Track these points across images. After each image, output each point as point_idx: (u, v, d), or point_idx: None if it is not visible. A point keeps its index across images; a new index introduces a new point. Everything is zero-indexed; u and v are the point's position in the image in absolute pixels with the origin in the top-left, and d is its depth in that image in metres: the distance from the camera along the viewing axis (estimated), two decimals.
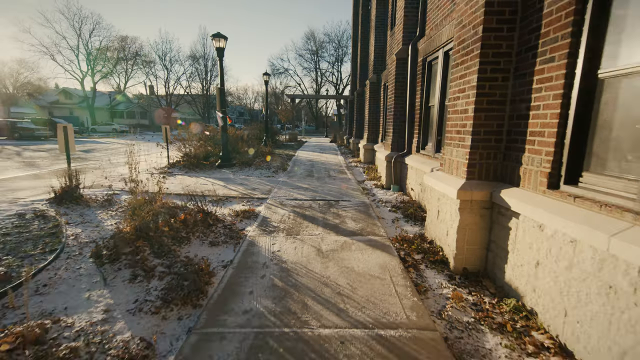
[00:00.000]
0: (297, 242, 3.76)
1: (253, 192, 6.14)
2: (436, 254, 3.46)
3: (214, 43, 8.22)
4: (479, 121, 3.07)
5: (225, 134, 8.66)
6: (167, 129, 8.27)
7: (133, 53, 47.98)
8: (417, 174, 5.57)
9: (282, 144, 20.53)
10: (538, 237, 2.38)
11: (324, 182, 7.40)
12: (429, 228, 3.91)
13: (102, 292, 2.57)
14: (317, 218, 4.67)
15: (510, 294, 2.69)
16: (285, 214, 4.85)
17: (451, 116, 3.59)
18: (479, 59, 2.99)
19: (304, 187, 6.72)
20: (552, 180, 2.45)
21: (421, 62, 5.82)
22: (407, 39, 6.31)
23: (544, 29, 2.55)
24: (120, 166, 9.09)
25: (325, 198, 5.83)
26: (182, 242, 3.56)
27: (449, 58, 4.83)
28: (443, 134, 5.04)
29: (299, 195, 5.97)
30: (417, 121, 6.02)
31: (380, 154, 7.30)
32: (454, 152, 3.46)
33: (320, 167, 9.66)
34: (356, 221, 4.56)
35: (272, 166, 9.26)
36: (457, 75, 3.47)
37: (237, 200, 5.57)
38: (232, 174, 7.97)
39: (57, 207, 4.45)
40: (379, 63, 10.26)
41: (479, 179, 3.14)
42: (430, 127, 5.64)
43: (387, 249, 3.63)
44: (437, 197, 3.68)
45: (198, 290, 2.60)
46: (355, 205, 5.41)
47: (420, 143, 5.96)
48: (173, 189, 6.13)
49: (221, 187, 6.48)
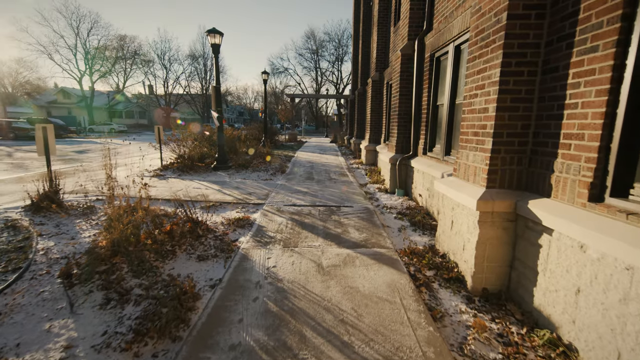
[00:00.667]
0: (295, 256, 3.39)
1: (249, 197, 5.77)
2: (450, 270, 3.08)
3: (209, 39, 7.84)
4: (501, 122, 2.70)
5: (222, 134, 8.28)
6: (160, 129, 7.90)
7: (132, 52, 47.62)
8: (424, 178, 5.20)
9: (281, 144, 20.15)
10: (579, 260, 2.01)
11: (325, 185, 7.02)
12: (441, 240, 3.54)
13: (66, 322, 2.20)
14: (317, 227, 4.30)
15: (541, 323, 2.32)
16: (283, 222, 4.47)
17: (467, 116, 3.22)
18: (502, 50, 2.62)
19: (304, 191, 6.34)
20: (595, 191, 2.07)
21: (428, 58, 5.44)
22: (413, 34, 5.94)
23: (584, 13, 2.17)
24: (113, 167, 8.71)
25: (326, 204, 5.45)
26: (166, 257, 3.19)
27: (460, 53, 4.46)
28: (454, 135, 4.67)
29: (297, 201, 5.60)
30: (424, 121, 5.65)
31: (384, 155, 6.92)
32: (471, 157, 3.09)
33: (321, 169, 9.29)
34: (360, 230, 4.19)
35: (270, 168, 8.88)
36: (474, 71, 3.10)
37: (231, 207, 5.20)
38: (228, 177, 7.59)
39: (32, 215, 4.08)
40: (381, 61, 9.89)
41: (501, 187, 2.77)
42: (439, 128, 5.26)
43: (395, 263, 3.26)
44: (450, 207, 3.31)
45: (178, 319, 2.23)
46: (358, 211, 5.04)
47: (427, 145, 5.58)
48: (163, 193, 5.76)
49: (215, 191, 6.10)
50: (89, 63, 43.79)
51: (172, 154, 8.41)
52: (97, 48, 44.16)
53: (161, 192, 5.88)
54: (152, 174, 7.37)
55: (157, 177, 7.20)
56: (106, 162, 3.81)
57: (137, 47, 47.82)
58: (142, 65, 49.29)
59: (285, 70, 54.22)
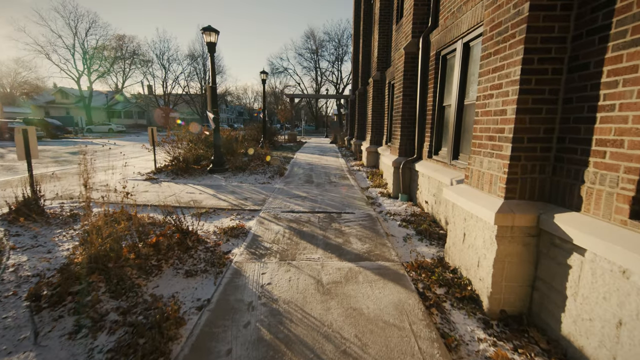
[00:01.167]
0: (293, 271, 3.10)
1: (245, 202, 5.48)
2: (463, 288, 2.80)
3: (205, 37, 7.56)
4: (522, 125, 2.42)
5: (218, 135, 8.00)
6: (153, 131, 7.61)
7: (130, 52, 47.34)
8: (430, 183, 4.92)
9: (280, 145, 19.87)
10: (620, 287, 1.73)
11: (325, 189, 6.74)
12: (451, 252, 3.26)
13: (27, 356, 1.91)
14: (316, 236, 4.02)
15: (571, 355, 2.04)
16: (280, 230, 4.19)
17: (481, 118, 2.94)
18: (523, 45, 2.34)
19: (302, 196, 6.06)
20: (638, 207, 1.79)
21: (434, 57, 5.16)
22: (417, 31, 5.66)
23: (622, 2, 1.89)
24: (104, 171, 8.43)
25: (326, 210, 5.17)
26: (150, 273, 2.90)
27: (469, 50, 4.18)
28: (462, 138, 4.39)
29: (296, 207, 5.31)
30: (429, 123, 5.36)
31: (386, 158, 6.64)
32: (486, 163, 2.80)
33: (321, 172, 9.01)
34: (362, 240, 3.90)
35: (268, 170, 8.60)
36: (488, 69, 2.82)
37: (225, 213, 4.91)
38: (224, 180, 7.31)
39: (8, 225, 3.79)
40: (382, 60, 9.61)
41: (521, 198, 2.48)
42: (445, 131, 4.98)
43: (401, 279, 2.98)
44: (462, 217, 3.03)
45: (157, 352, 1.95)
46: (360, 218, 4.75)
47: (432, 148, 5.30)
48: (153, 199, 5.47)
49: (210, 196, 5.81)
50: (87, 63, 43.51)
51: (166, 156, 8.11)
52: (96, 48, 43.88)
53: (151, 197, 5.59)
54: (144, 177, 7.08)
55: (150, 180, 6.91)
56: (83, 167, 3.49)
57: (136, 47, 47.56)
58: (140, 65, 49.03)
59: (284, 70, 53.97)
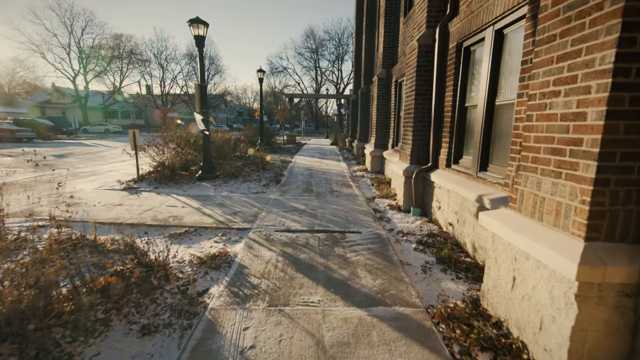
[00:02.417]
0: (285, 324, 2.36)
1: (233, 218, 4.73)
2: (517, 355, 2.05)
3: (192, 30, 6.81)
4: (613, 135, 1.67)
5: (208, 140, 7.24)
6: (136, 134, 6.86)
7: (128, 51, 46.57)
8: (450, 197, 4.17)
9: (279, 147, 19.11)
10: None
11: (325, 200, 5.99)
12: (491, 298, 2.50)
13: None
14: (316, 267, 3.27)
15: None
16: (272, 258, 3.44)
17: (537, 124, 2.19)
18: (620, 19, 1.59)
19: (300, 209, 5.31)
20: None
21: (454, 49, 4.41)
22: (433, 21, 4.91)
23: None
24: (83, 177, 7.69)
25: (328, 228, 4.42)
26: (92, 333, 2.15)
27: (503, 39, 3.43)
28: (493, 145, 3.64)
29: (292, 224, 4.56)
30: (447, 127, 4.62)
31: (395, 166, 5.89)
32: (547, 186, 2.05)
33: (321, 178, 8.26)
34: (373, 273, 3.15)
35: (263, 177, 7.85)
36: (550, 57, 2.07)
37: (209, 233, 4.16)
38: (213, 189, 6.55)
39: None
40: (388, 57, 8.86)
41: (609, 240, 1.74)
42: (469, 136, 4.24)
43: (429, 338, 2.23)
44: (510, 255, 2.28)
45: None
46: (368, 240, 4.00)
47: (451, 156, 4.56)
48: (125, 215, 4.72)
49: (193, 210, 5.06)
50: (83, 62, 42.73)
51: (151, 161, 7.35)
52: (92, 47, 43.12)
53: (124, 213, 4.83)
54: (123, 186, 6.32)
55: (128, 190, 6.15)
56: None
57: (134, 46, 46.78)
58: (138, 64, 48.26)
59: (284, 69, 53.22)
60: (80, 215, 4.56)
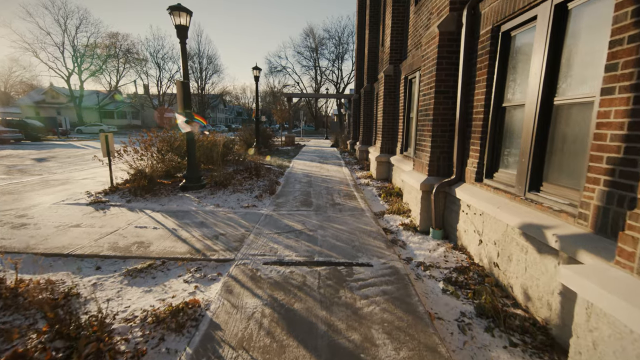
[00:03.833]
0: None
1: (214, 244, 3.84)
2: None
3: (173, 19, 5.93)
4: None
5: (192, 144, 6.35)
6: (109, 138, 5.97)
7: (124, 50, 45.68)
8: (485, 222, 3.29)
9: (276, 149, 18.23)
10: None
11: (327, 216, 5.11)
12: None
13: None
14: (315, 326, 2.39)
15: None
16: (257, 311, 2.56)
17: None
18: None
19: (297, 230, 4.43)
20: None
21: (487, 35, 3.54)
22: (458, 2, 4.04)
23: None
24: (52, 186, 6.80)
25: (330, 258, 3.54)
26: None
27: (567, 16, 2.56)
28: (550, 158, 2.77)
29: (286, 252, 3.68)
30: (477, 132, 3.74)
31: (409, 176, 5.01)
32: None
33: (321, 188, 7.37)
34: (394, 337, 2.27)
35: (256, 186, 6.96)
36: None
37: (178, 268, 3.28)
38: (197, 202, 5.67)
39: None
40: (396, 51, 7.98)
41: None
42: (509, 143, 3.37)
43: None
44: (629, 339, 1.40)
45: None
46: (383, 277, 3.13)
47: (483, 167, 3.68)
48: (79, 241, 3.82)
49: (166, 233, 4.16)
50: (78, 61, 41.80)
51: (130, 168, 6.45)
52: (87, 46, 42.20)
53: (80, 236, 3.93)
54: (90, 200, 5.43)
55: (96, 204, 5.25)
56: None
57: (130, 45, 45.86)
58: (135, 64, 47.35)
59: (283, 68, 52.42)
60: (23, 241, 3.68)
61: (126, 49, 45.58)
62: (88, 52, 42.18)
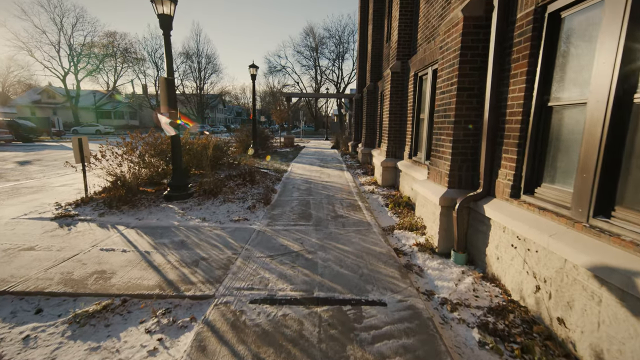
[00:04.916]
0: None
1: (192, 274, 3.16)
2: None
3: (156, 8, 5.25)
4: None
5: (178, 148, 5.68)
6: (82, 142, 5.30)
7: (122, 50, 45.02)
8: (529, 251, 2.62)
9: (275, 150, 17.55)
10: None
11: (328, 233, 4.44)
12: None
13: None
14: None
15: None
16: None
17: None
18: None
19: (293, 252, 3.76)
20: None
21: (526, 19, 2.87)
22: None
23: None
24: (23, 195, 6.12)
25: (333, 294, 2.87)
26: None
27: None
28: (627, 174, 2.09)
29: (280, 284, 3.01)
30: (513, 136, 3.07)
31: (423, 187, 4.34)
32: None
33: (322, 196, 6.69)
34: None
35: (249, 195, 6.29)
36: None
37: (141, 311, 2.60)
38: (181, 215, 4.99)
39: None
40: (404, 46, 7.31)
41: None
42: (558, 151, 2.69)
43: None
44: None
45: None
46: (401, 325, 2.45)
47: (521, 180, 3.01)
48: (25, 272, 3.14)
49: (136, 258, 3.48)
50: (74, 61, 41.11)
51: (107, 175, 5.77)
52: (83, 45, 41.53)
53: (30, 264, 3.24)
54: (57, 213, 4.74)
55: (62, 219, 4.57)
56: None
57: (128, 45, 45.20)
58: (132, 63, 46.68)
59: (283, 68, 51.75)
60: None
61: (124, 49, 44.92)
62: (85, 51, 41.50)
